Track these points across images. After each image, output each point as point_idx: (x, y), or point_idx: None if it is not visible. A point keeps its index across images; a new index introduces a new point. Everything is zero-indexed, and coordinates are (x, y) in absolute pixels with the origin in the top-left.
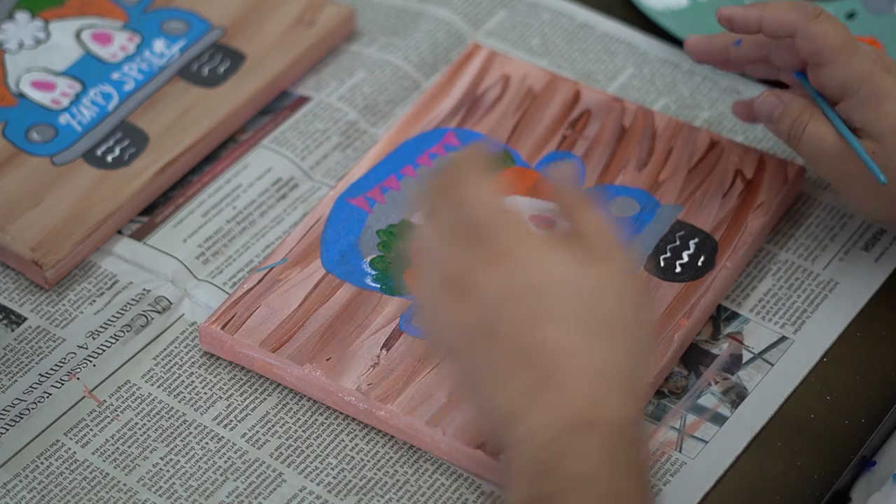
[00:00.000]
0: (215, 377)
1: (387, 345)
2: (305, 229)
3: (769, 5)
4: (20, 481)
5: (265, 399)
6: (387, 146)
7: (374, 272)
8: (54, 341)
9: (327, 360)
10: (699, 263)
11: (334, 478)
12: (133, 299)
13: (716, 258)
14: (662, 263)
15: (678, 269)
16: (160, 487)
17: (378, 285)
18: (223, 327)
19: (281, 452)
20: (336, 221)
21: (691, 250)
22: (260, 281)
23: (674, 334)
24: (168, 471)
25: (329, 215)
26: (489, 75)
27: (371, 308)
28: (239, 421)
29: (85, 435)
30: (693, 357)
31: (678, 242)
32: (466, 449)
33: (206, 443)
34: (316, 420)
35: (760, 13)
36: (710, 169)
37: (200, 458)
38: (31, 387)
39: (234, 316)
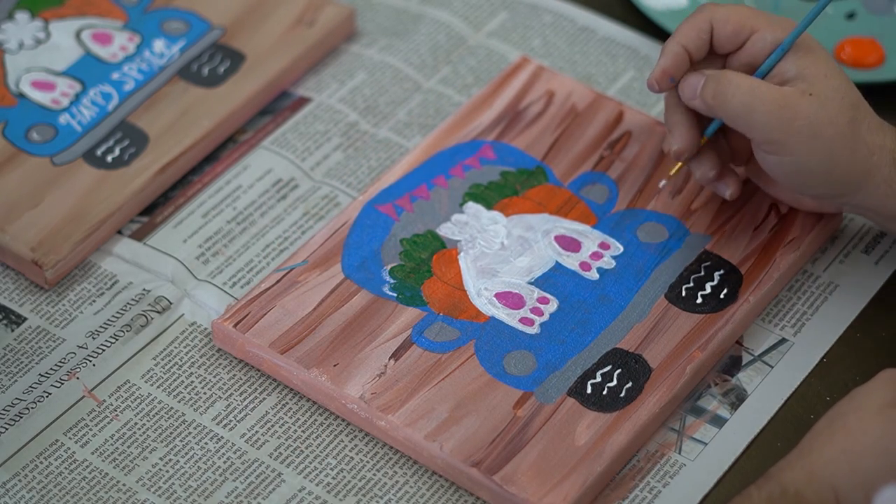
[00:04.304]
0: (215, 377)
1: (396, 355)
2: (330, 233)
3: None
4: (19, 481)
5: (264, 399)
6: (422, 155)
7: (392, 281)
8: (54, 341)
9: (335, 365)
10: (721, 296)
11: (333, 478)
12: (133, 299)
13: (739, 292)
14: (684, 293)
15: (699, 300)
16: (159, 487)
17: (395, 294)
18: (236, 325)
19: (280, 453)
20: (361, 227)
21: (715, 282)
22: (278, 281)
23: (686, 366)
24: (167, 471)
25: (355, 220)
26: (534, 90)
27: (385, 317)
28: (238, 421)
29: (84, 435)
30: None
31: (703, 273)
32: (462, 466)
33: (206, 443)
34: (315, 420)
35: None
36: (744, 201)
37: (200, 459)
38: (30, 387)
39: (247, 315)
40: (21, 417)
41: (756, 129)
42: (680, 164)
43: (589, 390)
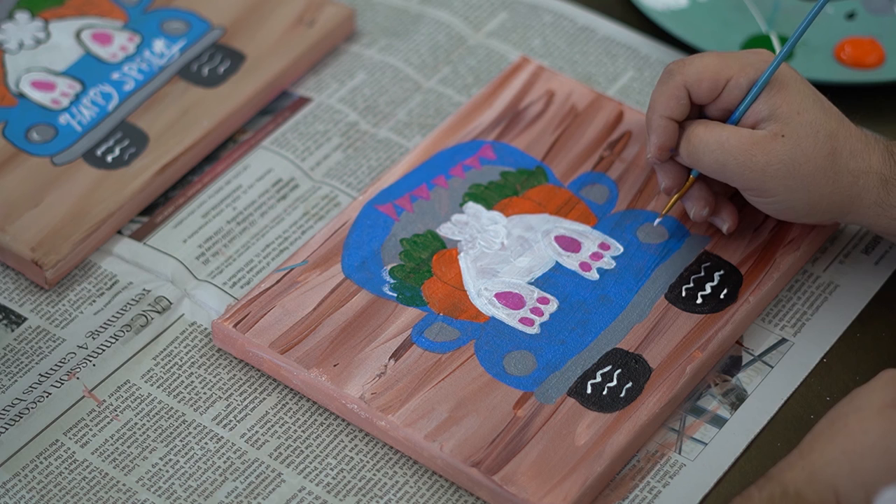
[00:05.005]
0: (215, 377)
1: (396, 355)
2: (330, 232)
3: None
4: (19, 481)
5: (264, 399)
6: (422, 155)
7: (392, 281)
8: (54, 341)
9: (335, 365)
10: (721, 296)
11: (333, 478)
12: (133, 299)
13: (739, 292)
14: (684, 293)
15: (699, 301)
16: (159, 487)
17: (395, 294)
18: (235, 325)
19: (280, 453)
20: (361, 227)
21: (715, 282)
22: (278, 281)
23: (686, 366)
24: (167, 471)
25: (355, 220)
26: (534, 90)
27: (385, 317)
28: (238, 421)
29: (84, 435)
30: None
31: (703, 273)
32: (462, 466)
33: (206, 443)
34: (315, 420)
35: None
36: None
37: (200, 459)
38: (30, 387)
39: (247, 314)
40: (21, 417)
41: (734, 180)
42: (672, 200)
43: (589, 390)
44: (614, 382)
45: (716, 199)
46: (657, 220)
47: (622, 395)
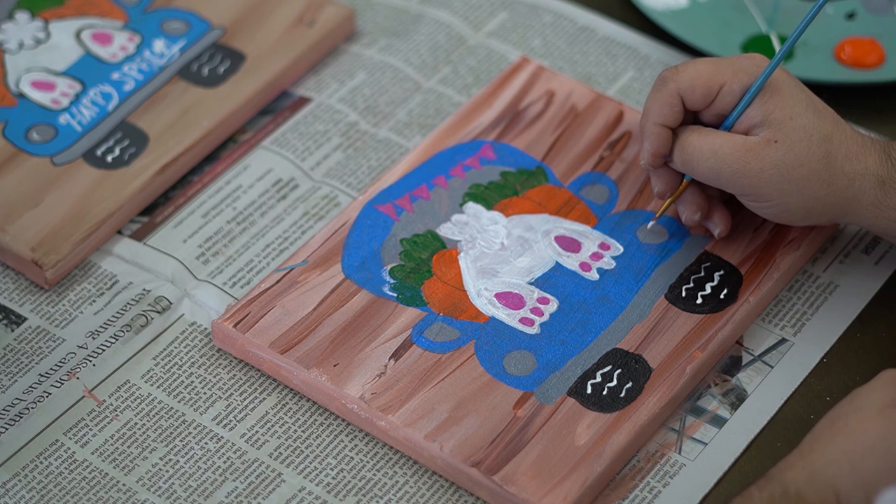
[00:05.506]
0: (215, 377)
1: (396, 355)
2: (330, 232)
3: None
4: (19, 481)
5: (264, 399)
6: (422, 155)
7: (392, 281)
8: (54, 341)
9: (335, 365)
10: (721, 296)
11: (333, 478)
12: (133, 299)
13: (739, 292)
14: (684, 293)
15: (699, 301)
16: (159, 487)
17: (395, 294)
18: (235, 325)
19: (280, 452)
20: (361, 227)
21: (715, 282)
22: (278, 281)
23: (686, 366)
24: (167, 471)
25: (355, 220)
26: (534, 90)
27: (385, 317)
28: (238, 421)
29: (84, 435)
30: None
31: (703, 273)
32: (462, 466)
33: (206, 443)
34: (315, 420)
35: (657, 128)
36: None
37: (200, 458)
38: (30, 387)
39: (247, 314)
40: (21, 417)
41: (728, 187)
42: (665, 204)
43: (589, 390)
44: (614, 382)
45: (709, 204)
46: (650, 223)
47: (622, 395)
